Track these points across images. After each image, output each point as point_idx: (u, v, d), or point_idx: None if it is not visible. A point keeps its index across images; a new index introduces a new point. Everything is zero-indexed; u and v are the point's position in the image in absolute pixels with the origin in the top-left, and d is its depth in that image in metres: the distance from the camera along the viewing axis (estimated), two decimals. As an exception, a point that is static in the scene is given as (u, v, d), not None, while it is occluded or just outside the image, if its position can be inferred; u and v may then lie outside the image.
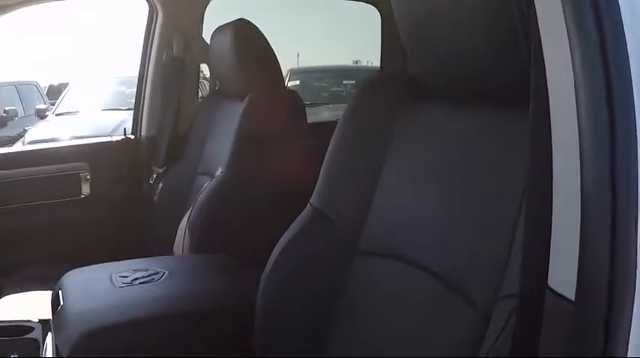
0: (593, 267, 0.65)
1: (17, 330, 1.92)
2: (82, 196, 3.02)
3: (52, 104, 11.33)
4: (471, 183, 1.17)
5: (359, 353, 1.34)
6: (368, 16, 3.37)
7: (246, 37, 2.46)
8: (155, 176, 2.95)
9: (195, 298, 1.79)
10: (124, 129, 3.22)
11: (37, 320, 1.94)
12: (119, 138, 3.18)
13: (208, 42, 2.77)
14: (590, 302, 0.66)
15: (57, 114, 10.11)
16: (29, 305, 2.18)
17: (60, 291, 1.79)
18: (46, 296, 2.12)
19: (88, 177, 3.03)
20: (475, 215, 1.13)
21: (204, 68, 3.31)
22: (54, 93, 13.28)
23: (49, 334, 1.80)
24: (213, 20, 3.00)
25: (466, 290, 1.09)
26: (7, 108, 10.41)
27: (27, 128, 9.89)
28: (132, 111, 3.33)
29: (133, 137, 3.18)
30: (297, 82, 8.84)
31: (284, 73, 5.82)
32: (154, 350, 1.60)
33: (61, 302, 1.73)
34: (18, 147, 6.18)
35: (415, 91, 1.37)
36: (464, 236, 1.14)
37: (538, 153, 0.77)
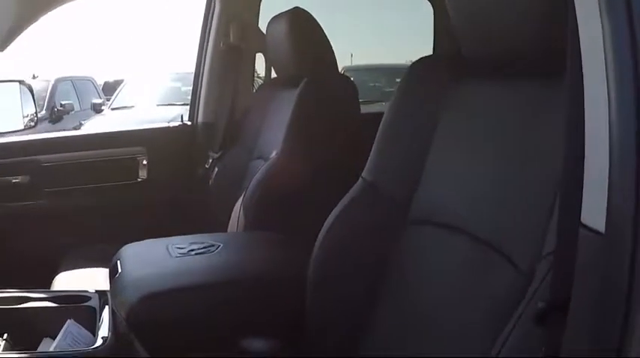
0: (621, 200, 0.73)
1: (74, 299, 2.04)
2: (139, 180, 3.15)
3: (108, 100, 11.58)
4: (514, 152, 1.24)
5: (406, 319, 1.41)
6: (422, 15, 3.44)
7: (301, 24, 2.55)
8: (211, 161, 3.06)
9: (249, 267, 1.89)
10: (181, 116, 3.33)
11: (93, 291, 2.06)
12: (177, 124, 3.30)
13: (264, 32, 2.85)
14: (618, 232, 0.74)
15: (112, 109, 10.34)
16: (84, 280, 2.29)
17: (118, 261, 1.89)
18: (100, 272, 2.24)
19: (146, 161, 3.15)
20: (518, 182, 1.20)
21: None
22: (109, 89, 13.54)
23: (106, 302, 1.91)
24: (269, 11, 3.08)
25: (508, 253, 1.16)
26: (63, 103, 10.64)
27: (83, 122, 10.12)
28: (187, 107, 3.45)
29: (189, 123, 3.30)
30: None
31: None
32: (207, 315, 1.70)
33: (119, 270, 1.83)
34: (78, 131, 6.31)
35: (462, 69, 1.45)
36: (507, 202, 1.21)
37: (573, 119, 0.85)
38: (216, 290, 1.75)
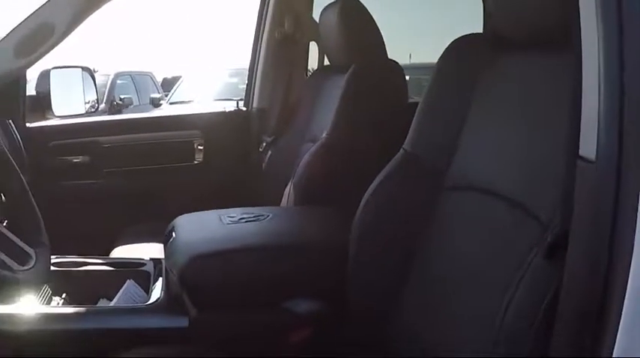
0: (607, 134, 0.87)
1: (130, 265, 2.20)
2: (195, 163, 3.31)
3: (166, 95, 11.82)
4: (540, 119, 1.35)
5: (440, 279, 1.53)
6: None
7: (351, 12, 2.66)
8: (264, 145, 3.19)
9: (295, 234, 2.03)
10: (237, 102, 3.48)
11: (148, 258, 2.22)
12: (232, 109, 3.46)
13: (317, 22, 2.98)
14: (606, 158, 0.90)
15: (171, 103, 10.57)
16: (140, 253, 2.43)
17: (172, 228, 2.04)
18: (155, 247, 2.39)
19: (201, 145, 3.31)
20: (543, 146, 1.31)
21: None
22: (167, 85, 13.77)
23: (160, 268, 2.06)
24: (323, 1, 3.19)
25: (534, 209, 1.27)
26: (122, 96, 10.88)
27: (141, 115, 10.33)
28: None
29: (244, 109, 3.45)
30: (407, 78, 8.99)
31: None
32: (254, 276, 1.84)
33: (173, 236, 1.98)
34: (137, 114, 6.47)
35: (496, 47, 1.56)
36: (534, 164, 1.32)
37: (577, 79, 0.99)
38: (263, 253, 1.88)
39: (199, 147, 3.34)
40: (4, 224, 1.62)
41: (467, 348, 1.33)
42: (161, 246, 2.16)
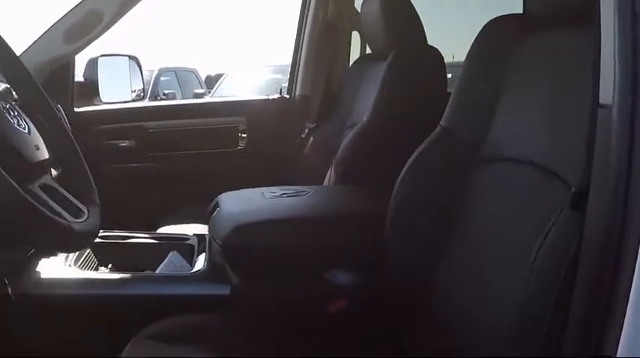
0: (624, 80, 0.96)
1: (175, 238, 2.30)
2: (239, 148, 3.40)
3: (209, 92, 11.96)
4: (567, 89, 1.41)
5: (476, 244, 1.59)
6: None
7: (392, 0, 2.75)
8: (307, 131, 3.28)
9: (335, 206, 2.12)
10: (280, 89, 3.57)
11: (192, 234, 2.31)
12: (275, 96, 3.54)
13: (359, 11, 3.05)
14: (621, 102, 0.99)
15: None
16: (183, 231, 2.52)
17: (216, 202, 2.13)
18: (198, 227, 2.49)
19: (245, 131, 3.40)
20: (574, 115, 1.37)
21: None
22: (211, 82, 13.90)
23: (203, 242, 2.15)
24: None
25: (563, 174, 1.33)
26: (166, 92, 11.05)
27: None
28: (286, 96, 3.71)
29: (288, 96, 3.54)
30: (450, 76, 9.05)
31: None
32: (293, 246, 1.92)
33: (217, 209, 2.07)
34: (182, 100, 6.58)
35: (528, 26, 1.63)
36: (565, 132, 1.38)
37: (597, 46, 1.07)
38: (303, 224, 1.97)
39: (243, 135, 3.42)
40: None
41: (500, 293, 1.38)
42: (204, 226, 2.25)
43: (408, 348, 1.71)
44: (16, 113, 1.62)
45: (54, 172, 1.71)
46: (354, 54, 3.56)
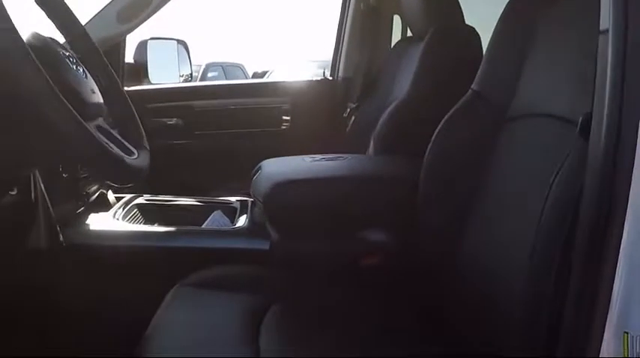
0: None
1: (218, 202, 2.41)
2: (283, 127, 3.51)
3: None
4: (589, 50, 1.49)
5: (501, 199, 1.67)
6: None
7: None
8: (349, 111, 3.38)
9: (372, 169, 2.21)
10: (324, 71, 3.68)
11: (235, 199, 2.42)
12: (319, 79, 3.65)
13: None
14: (616, 28, 1.09)
15: (260, 94, 10.82)
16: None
17: (259, 167, 2.24)
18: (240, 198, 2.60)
19: (289, 111, 3.51)
20: (592, 66, 1.45)
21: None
22: (257, 77, 14.03)
23: (245, 205, 2.26)
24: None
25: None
26: (213, 85, 11.15)
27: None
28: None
29: (331, 78, 3.65)
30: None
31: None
32: (331, 204, 2.03)
33: (260, 171, 2.18)
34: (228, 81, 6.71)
35: None
36: (586, 83, 1.46)
37: None
38: (340, 183, 2.08)
39: (285, 117, 3.53)
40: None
41: (514, 245, 1.46)
42: (246, 198, 2.36)
43: (433, 306, 1.80)
44: (74, 60, 1.75)
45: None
46: (396, 37, 3.63)
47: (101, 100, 1.78)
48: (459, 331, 1.66)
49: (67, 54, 1.74)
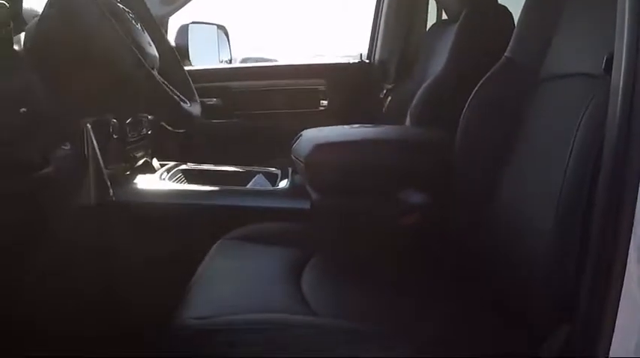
0: None
1: (260, 168, 2.49)
2: (320, 109, 3.59)
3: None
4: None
5: (533, 156, 1.73)
6: None
7: None
8: (385, 91, 3.46)
9: (410, 133, 2.28)
10: (360, 54, 3.75)
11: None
12: (356, 61, 3.73)
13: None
14: None
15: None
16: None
17: (299, 134, 2.31)
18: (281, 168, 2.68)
19: (325, 92, 3.60)
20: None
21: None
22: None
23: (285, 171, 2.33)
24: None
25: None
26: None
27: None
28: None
29: (367, 61, 3.73)
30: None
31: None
32: (369, 165, 2.11)
33: (300, 137, 2.25)
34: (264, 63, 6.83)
35: None
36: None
37: None
38: (380, 145, 2.15)
39: (324, 94, 3.61)
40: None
41: (544, 198, 1.52)
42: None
43: (465, 265, 1.84)
44: (133, 17, 1.87)
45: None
46: (431, 21, 3.70)
47: (156, 54, 1.88)
48: (493, 284, 1.72)
49: (128, 11, 1.85)
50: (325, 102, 3.60)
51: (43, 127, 1.63)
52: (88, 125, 1.90)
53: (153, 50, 1.87)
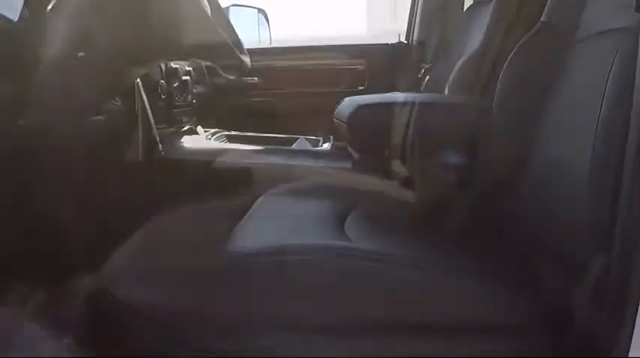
0: None
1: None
2: (360, 88, 3.66)
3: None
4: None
5: (567, 114, 1.77)
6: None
7: None
8: (423, 71, 3.51)
9: (449, 100, 2.34)
10: (399, 35, 3.82)
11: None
12: (394, 42, 3.80)
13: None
14: None
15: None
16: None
17: (341, 100, 2.38)
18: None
19: (365, 72, 3.67)
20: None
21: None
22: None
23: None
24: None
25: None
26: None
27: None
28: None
29: (406, 42, 3.79)
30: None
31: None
32: (408, 126, 2.15)
33: (343, 101, 2.32)
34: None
35: None
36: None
37: None
38: (419, 107, 2.20)
39: (363, 74, 3.69)
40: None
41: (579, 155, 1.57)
42: None
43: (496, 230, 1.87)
44: None
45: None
46: (468, 2, 3.75)
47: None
48: (528, 244, 1.77)
49: None
50: (365, 83, 3.67)
51: (98, 74, 1.70)
52: (138, 80, 1.97)
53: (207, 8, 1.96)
